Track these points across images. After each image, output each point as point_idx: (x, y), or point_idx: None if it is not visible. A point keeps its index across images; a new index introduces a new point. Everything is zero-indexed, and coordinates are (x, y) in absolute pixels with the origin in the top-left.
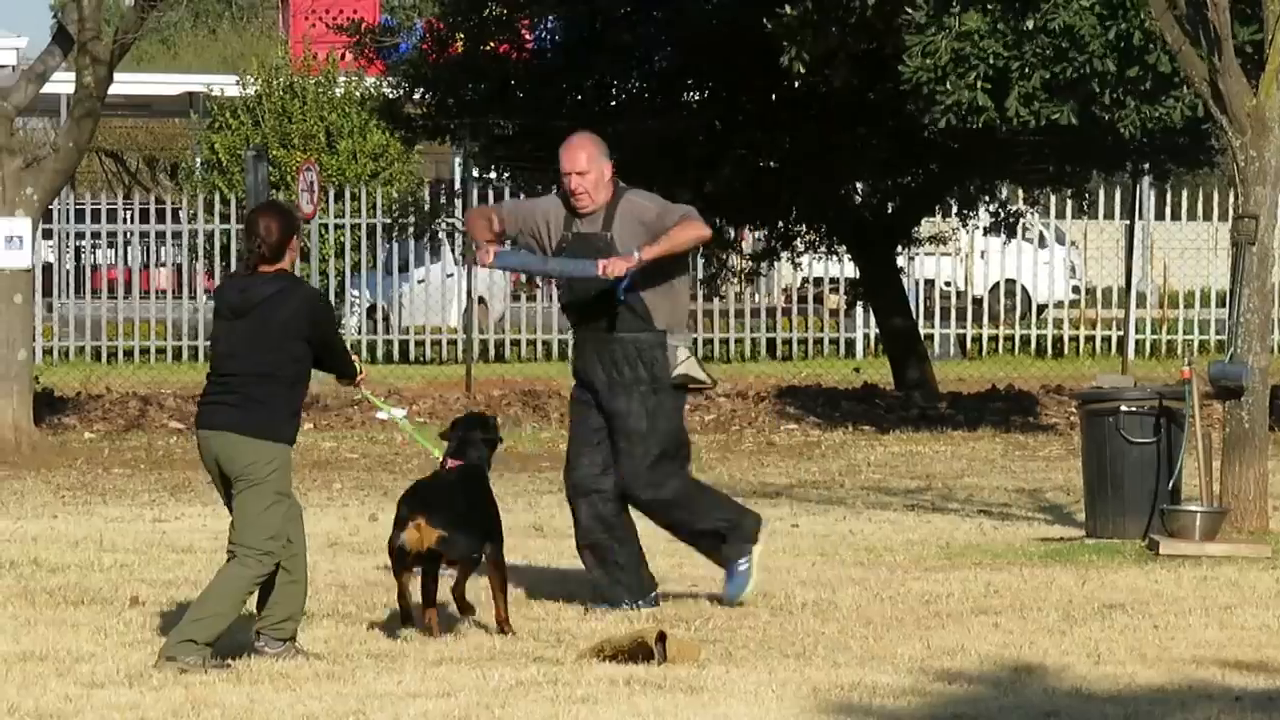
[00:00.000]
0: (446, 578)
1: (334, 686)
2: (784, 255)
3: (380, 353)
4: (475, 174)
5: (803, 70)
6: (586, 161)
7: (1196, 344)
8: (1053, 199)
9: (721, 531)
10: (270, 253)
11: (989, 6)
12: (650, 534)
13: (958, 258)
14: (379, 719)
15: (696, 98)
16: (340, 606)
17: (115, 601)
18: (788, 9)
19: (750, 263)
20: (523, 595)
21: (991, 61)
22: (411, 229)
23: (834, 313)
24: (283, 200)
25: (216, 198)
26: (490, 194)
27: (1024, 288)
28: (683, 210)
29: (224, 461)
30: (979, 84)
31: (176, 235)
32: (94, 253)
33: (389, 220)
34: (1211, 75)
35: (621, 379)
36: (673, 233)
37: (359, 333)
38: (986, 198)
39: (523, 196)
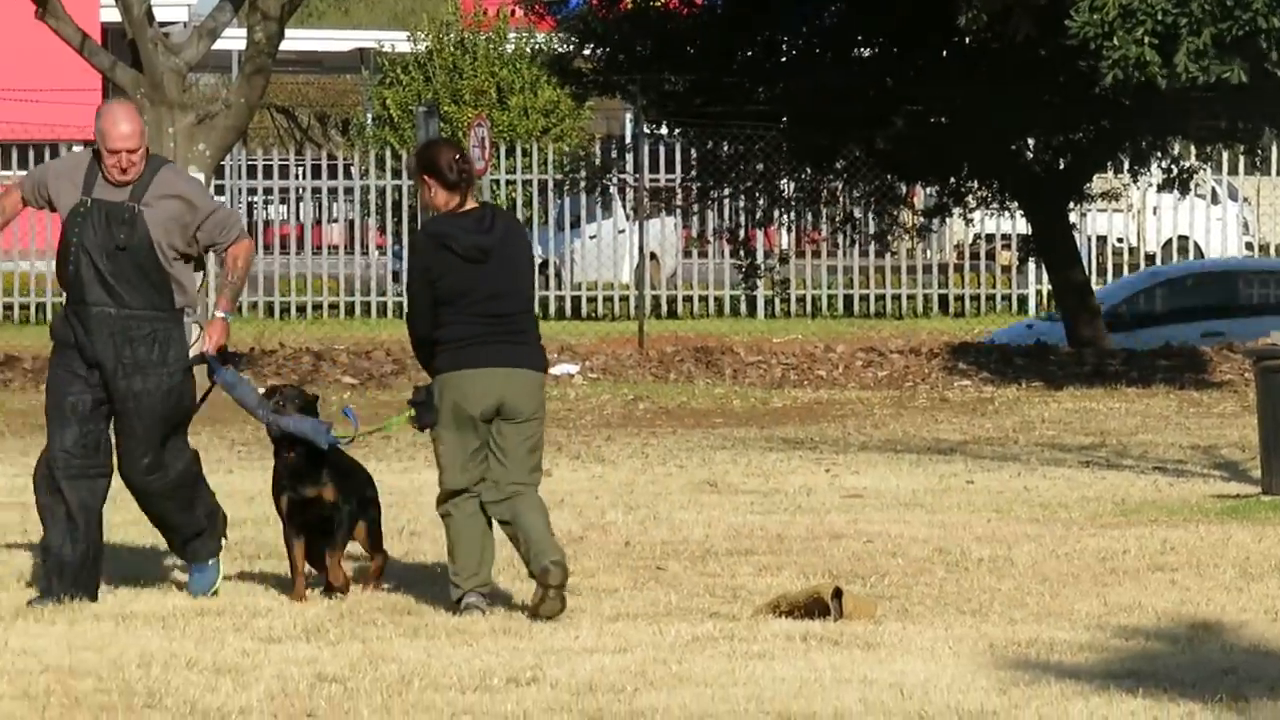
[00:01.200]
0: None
1: (510, 642)
2: (955, 211)
3: (552, 309)
4: (646, 129)
5: (981, 24)
6: (139, 137)
7: None
8: (1225, 155)
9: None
10: (473, 180)
11: None
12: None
13: (1130, 214)
14: (555, 674)
15: (867, 53)
16: (515, 562)
17: None
18: None
19: (921, 218)
20: (697, 552)
21: (1159, 18)
22: (583, 184)
23: (1005, 269)
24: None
25: (388, 153)
26: (661, 149)
27: (1196, 244)
28: (226, 217)
29: (513, 398)
30: (1146, 39)
31: (348, 191)
32: (266, 209)
33: (560, 176)
34: None
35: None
36: (239, 267)
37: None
38: (1158, 154)
39: (694, 153)
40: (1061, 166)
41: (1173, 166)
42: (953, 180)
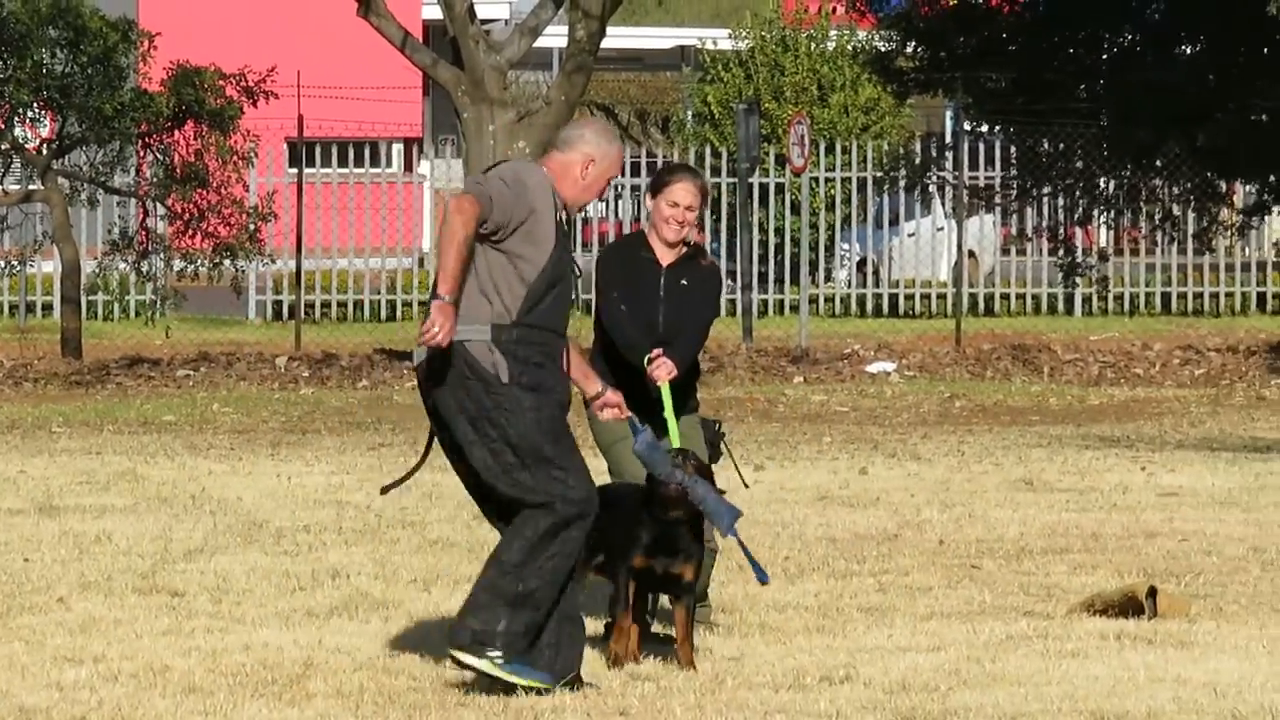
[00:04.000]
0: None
1: (823, 640)
2: (1275, 208)
3: (870, 306)
4: (966, 127)
5: None
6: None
7: None
8: None
9: None
10: None
11: None
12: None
13: None
14: (868, 672)
15: (1189, 50)
16: (830, 560)
17: None
18: None
19: (1241, 216)
20: (1011, 550)
21: None
22: (902, 182)
23: None
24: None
25: (708, 150)
26: (981, 146)
27: None
28: None
29: None
30: None
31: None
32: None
33: (879, 174)
34: None
35: None
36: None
37: (849, 286)
38: None
39: (1013, 150)
40: None
41: None
42: (1273, 177)
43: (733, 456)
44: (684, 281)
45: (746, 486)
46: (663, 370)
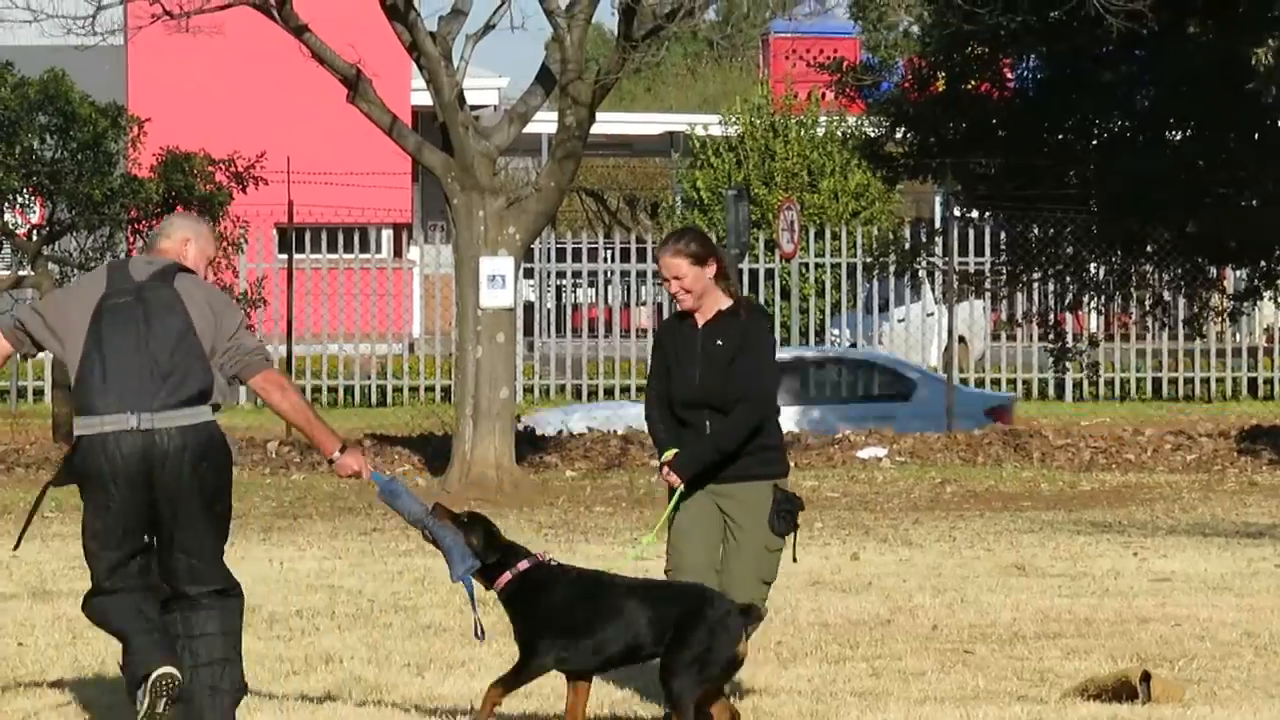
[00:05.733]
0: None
1: None
2: (1266, 294)
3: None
4: (956, 212)
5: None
6: None
7: None
8: None
9: None
10: None
11: None
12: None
13: None
14: None
15: (1178, 136)
16: (823, 645)
17: None
18: (1270, 43)
19: (1232, 302)
20: (1004, 635)
21: None
22: (892, 268)
23: None
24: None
25: None
26: (971, 232)
27: None
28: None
29: None
30: None
31: (656, 274)
32: (575, 292)
33: (869, 259)
34: None
35: None
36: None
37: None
38: None
39: (1003, 236)
40: None
41: None
42: (1264, 263)
43: (795, 532)
44: (719, 341)
45: (795, 561)
46: (672, 478)
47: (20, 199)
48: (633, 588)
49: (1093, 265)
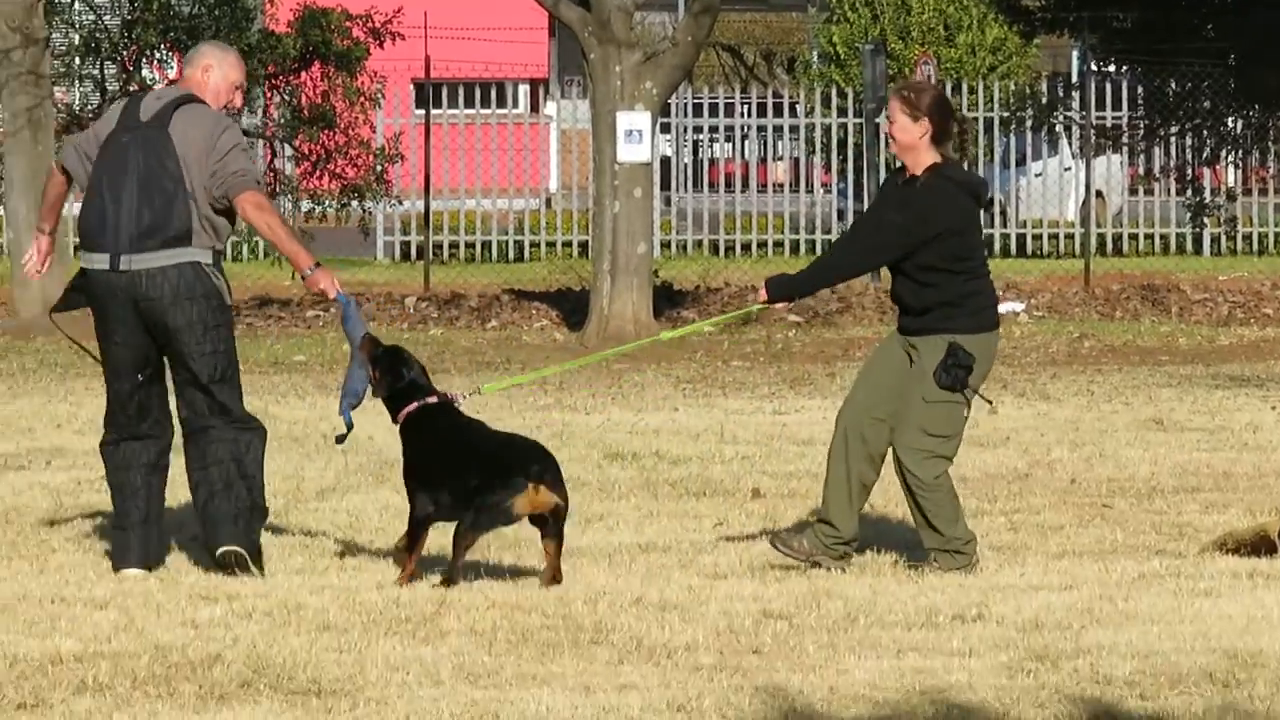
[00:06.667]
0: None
1: (956, 579)
2: None
3: (997, 246)
4: (1093, 67)
5: None
6: None
7: None
8: None
9: None
10: None
11: None
12: None
13: None
14: (1000, 611)
15: None
16: (961, 499)
17: (737, 493)
18: None
19: None
20: (1143, 489)
21: None
22: (1029, 122)
23: None
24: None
25: (833, 91)
26: (1108, 86)
27: None
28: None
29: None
30: None
31: (793, 129)
32: (711, 147)
33: (1006, 113)
34: None
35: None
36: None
37: None
38: None
39: (1140, 90)
40: None
41: None
42: None
43: (977, 391)
44: (902, 195)
45: (993, 412)
46: (759, 294)
47: (158, 55)
48: (489, 439)
49: (1230, 119)
